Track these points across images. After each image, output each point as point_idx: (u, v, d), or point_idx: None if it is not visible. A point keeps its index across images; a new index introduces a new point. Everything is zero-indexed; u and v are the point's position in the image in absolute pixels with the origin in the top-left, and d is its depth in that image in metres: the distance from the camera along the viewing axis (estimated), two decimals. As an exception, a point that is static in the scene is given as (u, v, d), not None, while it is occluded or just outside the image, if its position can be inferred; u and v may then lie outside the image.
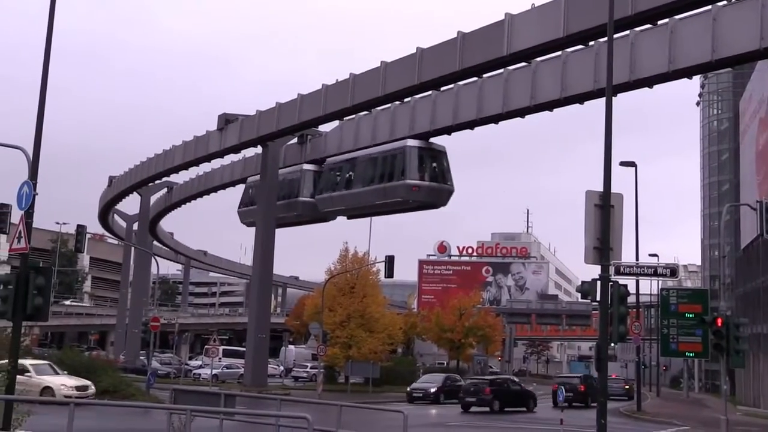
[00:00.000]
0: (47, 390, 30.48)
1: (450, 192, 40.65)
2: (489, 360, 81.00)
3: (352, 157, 44.41)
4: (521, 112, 35.58)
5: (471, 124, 38.50)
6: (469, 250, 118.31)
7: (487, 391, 41.11)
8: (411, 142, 39.93)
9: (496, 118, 36.88)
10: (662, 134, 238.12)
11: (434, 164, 39.83)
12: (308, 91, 44.21)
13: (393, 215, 47.58)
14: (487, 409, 40.15)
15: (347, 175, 44.71)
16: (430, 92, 39.19)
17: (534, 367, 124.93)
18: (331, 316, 54.96)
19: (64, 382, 31.43)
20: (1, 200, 25.11)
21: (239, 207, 56.42)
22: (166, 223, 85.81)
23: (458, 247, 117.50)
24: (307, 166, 49.24)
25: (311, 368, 65.96)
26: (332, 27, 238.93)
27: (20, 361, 20.43)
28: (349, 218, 49.09)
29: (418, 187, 39.60)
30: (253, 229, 52.78)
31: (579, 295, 18.44)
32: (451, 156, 41.16)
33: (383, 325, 57.06)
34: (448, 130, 39.83)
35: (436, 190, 39.81)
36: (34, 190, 17.56)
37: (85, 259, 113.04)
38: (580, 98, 32.64)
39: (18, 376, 17.57)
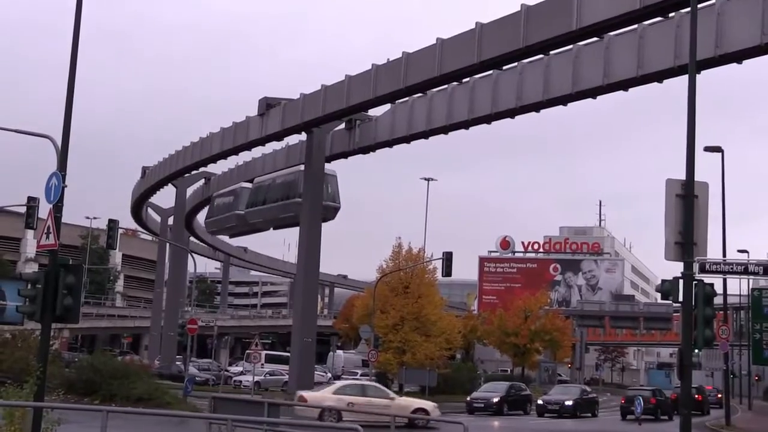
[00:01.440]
0: (420, 411, 32.55)
1: (336, 209, 55.38)
2: (557, 367, 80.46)
3: (268, 179, 60.68)
4: (593, 92, 35.21)
5: (537, 107, 38.24)
6: (535, 246, 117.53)
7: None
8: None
9: (564, 99, 36.54)
10: (753, 116, 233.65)
11: (324, 186, 52.71)
12: (356, 72, 44.27)
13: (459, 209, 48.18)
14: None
15: (265, 194, 60.54)
16: (491, 72, 38.98)
17: (608, 375, 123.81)
18: (383, 318, 55.07)
19: (425, 404, 33.94)
20: (29, 194, 25.54)
21: (206, 218, 67.18)
22: (204, 218, 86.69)
23: (523, 243, 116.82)
24: (244, 184, 64.61)
25: (361, 375, 66.23)
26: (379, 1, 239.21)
27: (366, 383, 20.77)
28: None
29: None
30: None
31: (658, 295, 18.17)
32: (511, 140, 41.26)
33: (440, 329, 57.01)
34: (511, 113, 39.63)
35: (323, 207, 52.43)
36: (64, 182, 17.84)
37: (117, 257, 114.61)
38: (659, 76, 32.18)
39: (381, 400, 17.61)
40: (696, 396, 46.87)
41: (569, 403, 46.53)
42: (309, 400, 30.15)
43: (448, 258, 45.72)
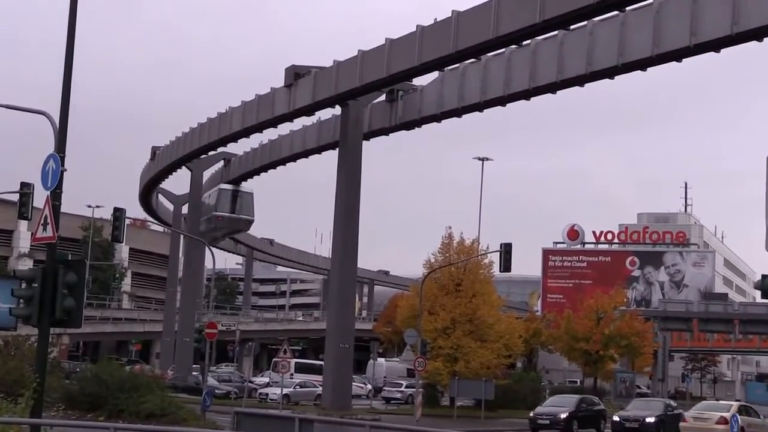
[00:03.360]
0: None
1: (249, 221, 71.63)
2: (636, 378, 79.92)
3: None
4: (677, 55, 34.91)
5: (611, 72, 37.99)
6: (609, 236, 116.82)
7: None
8: (223, 186, 70.14)
9: (643, 63, 36.27)
10: None
11: (238, 201, 67.97)
12: (399, 35, 44.19)
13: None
14: None
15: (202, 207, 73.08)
16: (555, 32, 38.76)
17: (696, 387, 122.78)
18: (431, 320, 55.04)
19: None
20: (23, 179, 25.67)
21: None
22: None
23: (594, 232, 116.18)
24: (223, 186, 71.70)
25: (407, 387, 66.27)
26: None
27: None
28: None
29: (222, 217, 69.20)
30: (330, 213, 53.32)
31: (757, 293, 17.99)
32: (578, 113, 41.19)
33: (498, 333, 56.87)
34: (580, 81, 39.40)
35: (235, 219, 68.35)
36: (62, 165, 17.99)
37: (123, 251, 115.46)
38: (759, 33, 31.74)
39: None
40: None
41: (651, 420, 46.13)
42: None
43: (506, 250, 45.44)
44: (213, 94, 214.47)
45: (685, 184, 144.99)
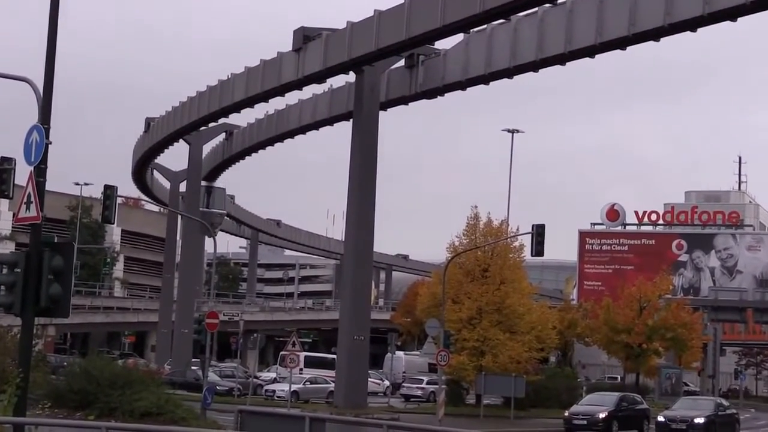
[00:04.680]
0: None
1: (221, 215, 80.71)
2: (683, 374, 79.82)
3: None
4: (732, 13, 34.71)
5: (655, 34, 37.82)
6: (653, 217, 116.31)
7: None
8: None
9: (693, 23, 36.08)
10: None
11: (210, 197, 76.92)
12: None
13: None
14: None
15: None
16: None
17: (751, 385, 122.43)
18: (455, 310, 55.09)
19: None
20: (3, 153, 25.54)
21: None
22: (225, 182, 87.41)
23: (636, 213, 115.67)
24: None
25: (428, 383, 66.40)
26: None
27: None
28: None
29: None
30: (344, 191, 53.39)
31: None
32: (617, 81, 40.98)
33: (529, 324, 56.88)
34: (622, 44, 39.25)
35: (208, 214, 73.07)
36: (47, 137, 18.03)
37: (115, 233, 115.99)
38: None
39: None
40: None
41: (700, 420, 46.10)
42: None
43: (539, 232, 45.36)
44: (214, 60, 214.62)
45: (739, 158, 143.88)
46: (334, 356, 62.26)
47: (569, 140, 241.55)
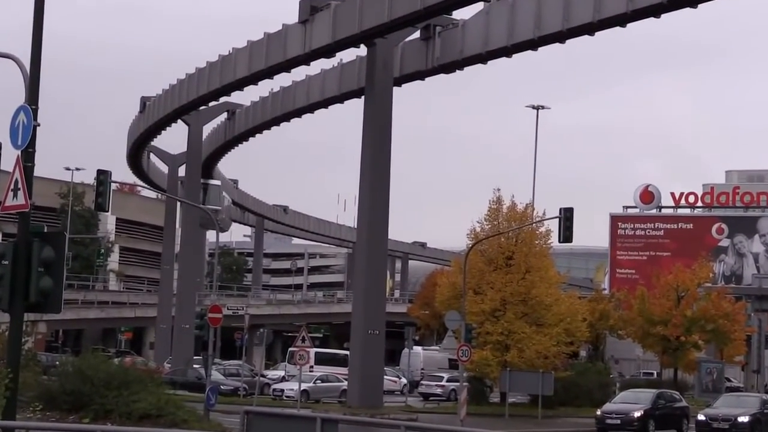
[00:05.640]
0: None
1: (216, 211, 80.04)
2: (725, 369, 79.73)
3: None
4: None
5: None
6: (691, 199, 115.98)
7: None
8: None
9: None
10: None
11: (204, 194, 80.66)
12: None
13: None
14: None
15: None
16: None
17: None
18: (477, 301, 55.11)
19: None
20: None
21: None
22: (227, 166, 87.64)
23: (673, 194, 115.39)
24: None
25: (448, 381, 66.45)
26: None
27: None
28: None
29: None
30: (355, 174, 53.40)
31: None
32: (650, 51, 40.78)
33: (557, 315, 56.88)
34: (655, 11, 39.14)
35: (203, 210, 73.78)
36: (35, 119, 18.03)
37: (109, 222, 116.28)
38: None
39: None
40: None
41: (744, 419, 45.94)
42: None
43: (567, 216, 45.30)
44: (214, 35, 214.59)
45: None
46: (347, 352, 62.44)
47: (599, 116, 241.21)
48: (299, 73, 59.99)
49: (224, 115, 76.96)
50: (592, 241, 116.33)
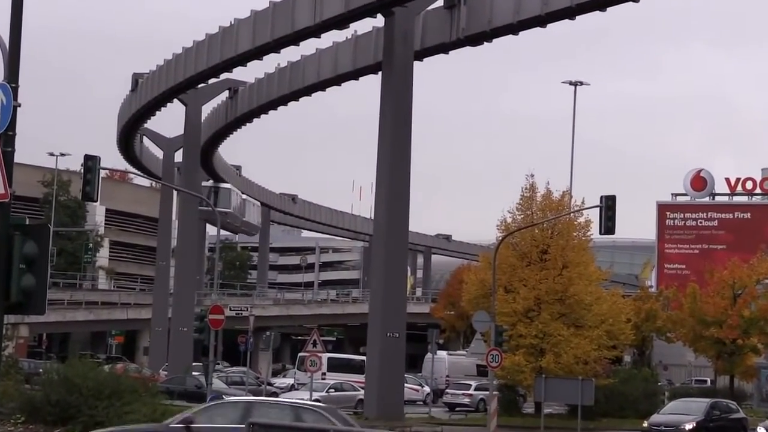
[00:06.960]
0: None
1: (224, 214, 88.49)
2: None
3: None
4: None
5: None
6: (749, 185, 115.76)
7: None
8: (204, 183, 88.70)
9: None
10: None
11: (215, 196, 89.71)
12: None
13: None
14: None
15: None
16: None
17: None
18: (508, 300, 55.14)
19: None
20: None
21: None
22: (229, 151, 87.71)
23: (728, 180, 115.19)
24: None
25: (477, 389, 66.49)
26: None
27: None
28: None
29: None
30: (372, 159, 53.40)
31: None
32: (704, 20, 40.82)
33: (598, 316, 56.86)
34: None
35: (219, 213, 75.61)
36: (15, 98, 18.06)
37: (98, 213, 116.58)
38: None
39: None
40: None
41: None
42: None
43: (609, 205, 45.23)
44: (214, 3, 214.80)
45: None
46: (363, 358, 62.47)
47: (644, 94, 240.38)
48: (309, 46, 60.07)
49: (225, 94, 76.97)
50: (637, 233, 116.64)
